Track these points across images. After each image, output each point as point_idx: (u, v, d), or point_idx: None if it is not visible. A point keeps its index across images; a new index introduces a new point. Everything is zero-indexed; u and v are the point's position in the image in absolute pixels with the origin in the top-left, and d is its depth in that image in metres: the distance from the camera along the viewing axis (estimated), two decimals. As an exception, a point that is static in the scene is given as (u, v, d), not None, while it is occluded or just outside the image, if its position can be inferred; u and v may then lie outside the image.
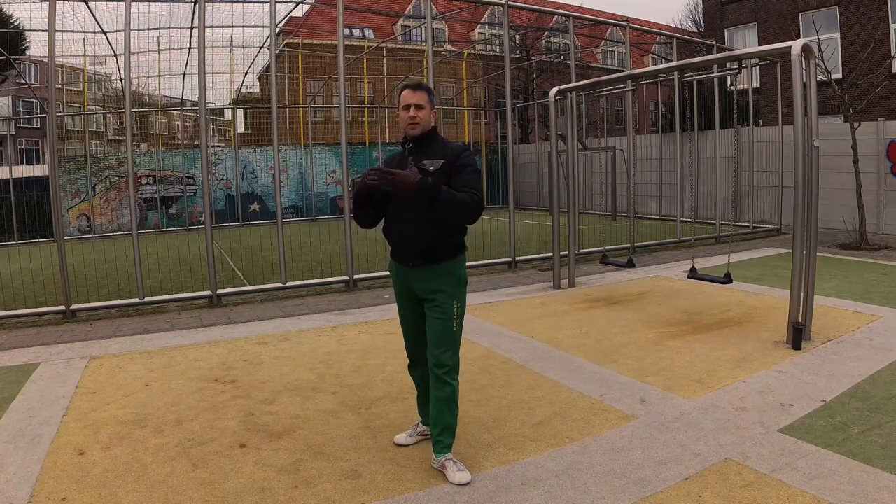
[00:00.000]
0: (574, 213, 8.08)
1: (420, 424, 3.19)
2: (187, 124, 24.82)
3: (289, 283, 7.26)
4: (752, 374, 4.01)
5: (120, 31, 13.14)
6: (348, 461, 2.99)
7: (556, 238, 7.31)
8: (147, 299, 6.63)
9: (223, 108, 22.92)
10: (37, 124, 30.71)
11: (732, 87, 13.66)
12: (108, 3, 12.29)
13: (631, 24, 10.92)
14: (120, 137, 22.82)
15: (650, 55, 28.46)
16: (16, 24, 18.19)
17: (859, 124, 9.78)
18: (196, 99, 14.16)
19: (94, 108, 22.08)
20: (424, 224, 2.79)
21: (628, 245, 9.51)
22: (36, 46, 19.54)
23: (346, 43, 7.71)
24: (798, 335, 4.53)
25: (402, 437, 3.17)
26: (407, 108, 2.87)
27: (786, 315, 4.72)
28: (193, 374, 4.39)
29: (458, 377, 2.90)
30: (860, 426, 3.16)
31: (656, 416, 3.40)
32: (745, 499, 2.52)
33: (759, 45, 15.47)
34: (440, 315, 2.83)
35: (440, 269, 2.85)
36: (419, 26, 25.57)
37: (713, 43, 14.79)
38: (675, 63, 7.12)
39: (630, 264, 7.14)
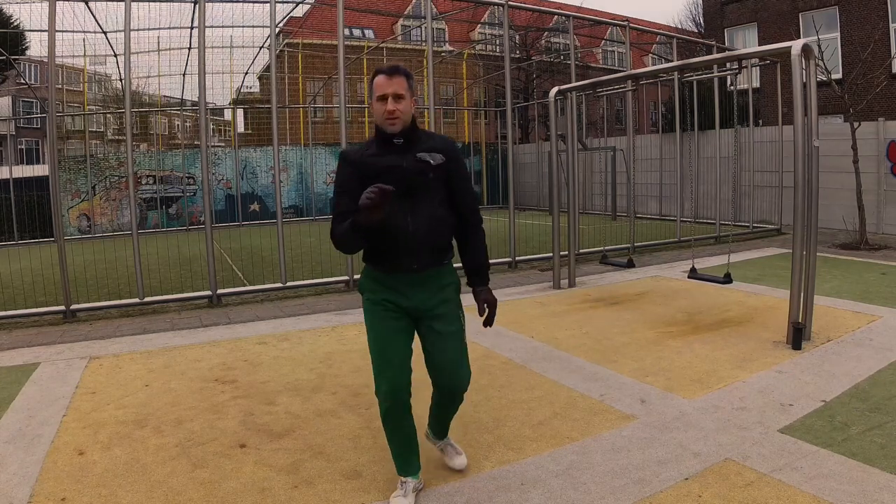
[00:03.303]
0: (574, 213, 8.07)
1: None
2: (187, 124, 24.82)
3: (289, 283, 7.26)
4: (752, 374, 4.01)
5: (120, 31, 13.15)
6: (348, 461, 3.00)
7: (556, 238, 7.31)
8: (147, 299, 6.63)
9: (223, 108, 22.94)
10: (37, 124, 30.74)
11: (732, 87, 13.66)
12: (108, 3, 12.32)
13: (631, 25, 10.92)
14: (120, 137, 22.82)
15: (650, 55, 28.47)
16: (16, 24, 18.22)
17: (859, 124, 9.78)
18: (196, 99, 14.15)
19: (94, 108, 22.08)
20: (432, 215, 2.47)
21: (628, 245, 9.50)
22: (36, 46, 19.64)
23: (346, 43, 7.72)
24: (798, 335, 4.53)
25: None
26: (384, 98, 2.37)
27: (786, 315, 4.72)
28: (193, 374, 4.39)
29: None
30: (860, 426, 3.16)
31: (656, 416, 3.40)
32: (745, 499, 2.52)
33: (759, 45, 15.47)
34: (456, 327, 2.56)
35: (445, 271, 2.58)
36: (419, 26, 25.59)
37: (713, 43, 14.82)
38: (675, 63, 7.12)
39: (630, 264, 7.14)
